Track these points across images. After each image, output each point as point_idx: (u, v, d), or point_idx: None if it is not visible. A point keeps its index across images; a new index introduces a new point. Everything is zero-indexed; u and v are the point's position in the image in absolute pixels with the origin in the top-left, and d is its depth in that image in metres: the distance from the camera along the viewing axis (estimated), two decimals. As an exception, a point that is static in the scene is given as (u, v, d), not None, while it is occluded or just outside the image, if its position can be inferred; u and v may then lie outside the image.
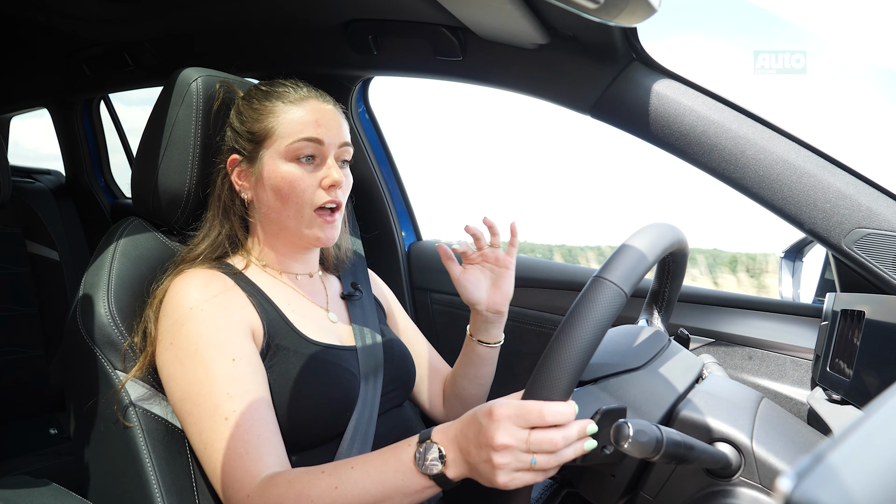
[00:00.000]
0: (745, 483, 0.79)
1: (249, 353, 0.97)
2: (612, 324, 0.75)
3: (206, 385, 0.93)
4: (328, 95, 1.13)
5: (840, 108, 56.86)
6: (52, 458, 2.02)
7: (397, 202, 1.89)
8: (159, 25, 1.83)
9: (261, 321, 1.02)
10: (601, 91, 1.25)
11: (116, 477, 1.03)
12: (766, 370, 1.31)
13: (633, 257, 0.79)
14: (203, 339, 0.95)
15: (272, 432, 0.93)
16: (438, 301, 1.82)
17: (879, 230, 1.04)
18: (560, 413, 0.73)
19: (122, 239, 1.10)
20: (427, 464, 0.79)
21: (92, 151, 2.71)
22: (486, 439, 0.74)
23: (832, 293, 1.18)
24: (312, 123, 1.05)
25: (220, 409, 0.91)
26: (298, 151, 1.05)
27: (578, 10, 0.73)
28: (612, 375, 0.90)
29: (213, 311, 0.98)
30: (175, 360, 0.96)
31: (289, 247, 1.12)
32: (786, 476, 0.31)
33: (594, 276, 0.76)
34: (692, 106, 1.16)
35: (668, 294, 1.13)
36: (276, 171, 1.06)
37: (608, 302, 0.73)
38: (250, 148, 1.08)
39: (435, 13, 1.34)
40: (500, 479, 0.74)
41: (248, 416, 0.91)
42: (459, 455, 0.79)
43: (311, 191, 1.05)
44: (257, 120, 1.07)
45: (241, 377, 0.93)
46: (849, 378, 1.00)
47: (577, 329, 0.72)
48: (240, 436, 0.89)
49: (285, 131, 1.05)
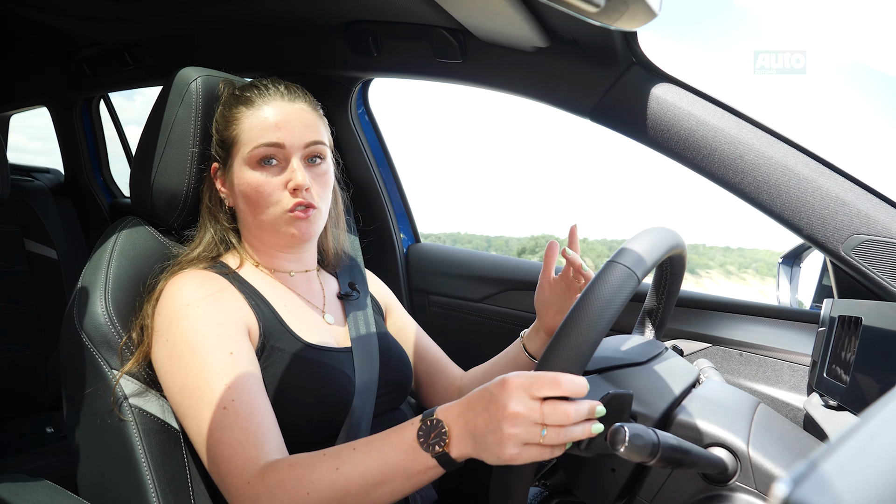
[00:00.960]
0: (742, 488, 0.79)
1: (247, 349, 0.97)
2: (611, 333, 0.75)
3: (203, 377, 0.92)
4: (300, 92, 1.12)
5: (839, 111, 56.64)
6: (48, 457, 2.02)
7: (396, 204, 1.89)
8: (160, 25, 1.83)
9: (256, 321, 1.02)
10: (601, 95, 1.25)
11: (112, 476, 1.02)
12: (762, 375, 1.32)
13: (644, 246, 0.82)
14: (199, 333, 0.95)
15: (271, 421, 0.92)
16: (436, 303, 1.82)
17: (877, 237, 1.05)
18: (574, 383, 0.72)
19: (120, 238, 1.10)
20: (430, 441, 0.78)
21: (91, 150, 2.71)
22: (498, 408, 0.73)
23: (830, 299, 1.18)
24: (272, 127, 1.05)
25: (219, 400, 0.90)
26: (258, 156, 1.05)
27: (579, 14, 0.74)
28: (616, 368, 0.91)
29: (209, 307, 0.98)
30: (171, 356, 0.96)
31: (274, 247, 1.13)
32: (782, 482, 0.31)
33: (608, 261, 0.79)
34: (691, 110, 1.16)
35: (662, 311, 1.13)
36: (243, 178, 1.06)
37: (621, 282, 0.76)
38: (224, 155, 1.09)
39: (435, 15, 1.34)
40: (508, 451, 0.73)
41: (248, 405, 0.90)
42: (465, 430, 0.77)
43: (276, 195, 1.05)
44: (226, 128, 1.08)
45: (240, 370, 0.93)
46: (845, 384, 1.00)
47: (591, 305, 0.74)
48: (239, 424, 0.89)
49: (247, 138, 1.06)
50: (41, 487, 1.09)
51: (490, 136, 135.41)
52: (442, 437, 0.78)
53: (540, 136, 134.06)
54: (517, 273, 1.70)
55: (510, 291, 1.69)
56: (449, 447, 0.78)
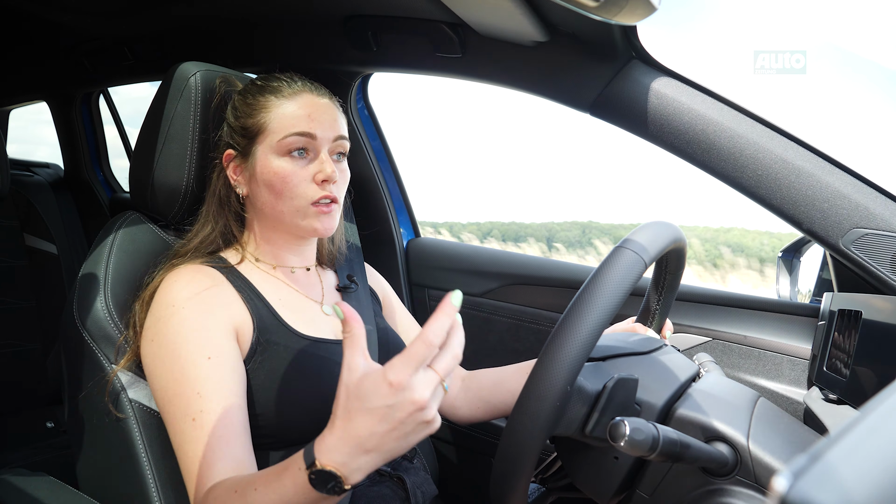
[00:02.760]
0: (742, 482, 0.80)
1: (228, 351, 0.97)
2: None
3: (180, 384, 0.93)
4: (324, 88, 1.12)
5: (839, 105, 56.32)
6: (48, 452, 2.03)
7: (396, 199, 1.89)
8: (159, 19, 1.82)
9: (250, 317, 1.02)
10: (600, 89, 1.25)
11: (112, 471, 1.03)
12: (762, 369, 1.32)
13: (650, 235, 0.83)
14: (181, 336, 0.95)
15: (234, 433, 0.91)
16: (436, 298, 1.82)
17: (877, 230, 1.04)
18: (441, 326, 0.69)
19: (120, 233, 1.10)
20: (327, 488, 0.73)
21: (91, 145, 2.71)
22: (406, 409, 0.69)
23: (829, 293, 1.18)
24: (305, 118, 1.05)
25: (189, 410, 0.91)
26: (290, 146, 1.04)
27: (578, 8, 0.73)
28: (620, 356, 0.92)
29: (195, 307, 0.98)
30: (155, 357, 0.96)
31: (285, 239, 1.12)
32: (782, 475, 0.31)
33: (616, 246, 0.80)
34: (691, 104, 1.16)
35: (662, 306, 1.13)
36: (268, 166, 1.05)
37: (630, 266, 0.77)
38: (244, 143, 1.08)
39: (435, 10, 1.34)
40: (434, 426, 0.72)
41: (214, 416, 0.90)
42: (364, 462, 0.72)
43: (304, 185, 1.05)
44: (250, 115, 1.07)
45: (214, 376, 0.93)
46: (845, 378, 1.01)
47: (600, 287, 0.75)
48: (202, 439, 0.89)
49: (277, 126, 1.05)
50: (42, 482, 1.09)
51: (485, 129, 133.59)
52: (337, 481, 0.73)
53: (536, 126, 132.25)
54: (518, 267, 1.70)
55: (511, 286, 1.69)
56: (347, 484, 0.74)
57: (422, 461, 1.19)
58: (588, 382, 0.81)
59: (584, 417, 0.81)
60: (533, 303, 1.65)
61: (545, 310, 1.62)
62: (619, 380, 0.79)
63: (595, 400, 0.81)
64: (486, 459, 1.65)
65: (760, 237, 10.72)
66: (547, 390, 0.73)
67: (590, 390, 0.81)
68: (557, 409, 0.74)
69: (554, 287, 1.62)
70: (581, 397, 0.80)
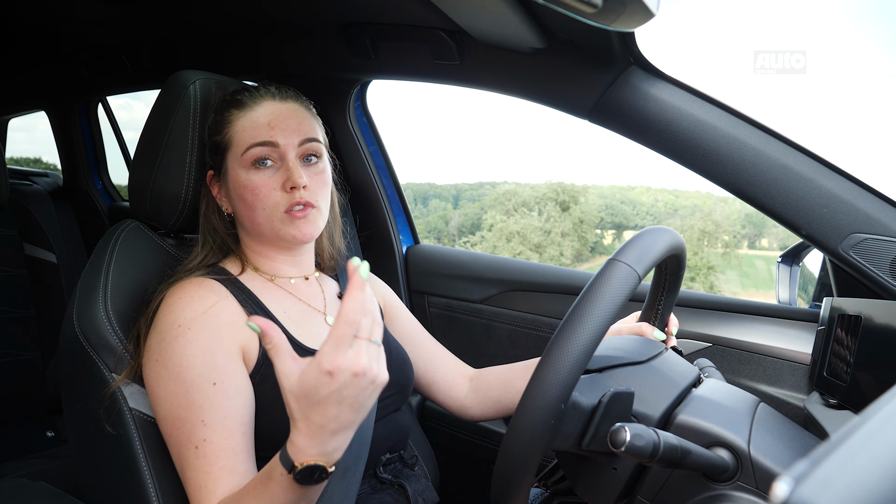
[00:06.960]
0: (742, 487, 0.79)
1: (234, 374, 0.96)
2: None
3: (185, 409, 0.93)
4: (291, 91, 1.11)
5: (839, 109, 55.31)
6: (48, 461, 2.01)
7: (394, 205, 1.89)
8: (158, 28, 1.83)
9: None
10: (599, 95, 1.25)
11: (112, 480, 1.02)
12: (763, 374, 1.32)
13: (645, 245, 0.83)
14: (187, 359, 0.95)
15: (237, 461, 0.92)
16: (436, 304, 1.81)
17: (876, 235, 1.05)
18: (356, 301, 0.70)
19: (120, 241, 1.10)
20: (314, 479, 0.77)
21: (89, 154, 2.71)
22: (353, 384, 0.71)
23: (829, 298, 1.18)
24: (265, 127, 1.04)
25: (192, 437, 0.91)
26: (253, 157, 1.04)
27: (576, 15, 0.74)
28: (617, 367, 0.92)
29: (200, 329, 0.97)
30: (160, 378, 0.96)
31: (276, 250, 1.11)
32: (782, 480, 0.31)
33: (609, 259, 0.80)
34: (689, 110, 1.17)
35: (662, 312, 1.13)
36: (238, 180, 1.05)
37: (623, 280, 0.77)
38: (217, 160, 1.09)
39: (433, 17, 1.34)
40: (382, 379, 0.74)
41: (217, 447, 0.91)
42: (333, 439, 0.76)
43: (274, 195, 1.04)
44: (218, 132, 1.07)
45: (220, 403, 0.93)
46: (845, 382, 1.01)
47: (592, 302, 0.75)
48: (203, 468, 0.90)
49: (239, 139, 1.05)
50: (41, 491, 1.09)
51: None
52: (321, 470, 0.76)
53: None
54: (518, 274, 1.70)
55: (511, 292, 1.69)
56: (331, 467, 0.78)
57: (423, 468, 1.19)
58: (584, 397, 0.80)
59: (581, 432, 0.81)
60: (533, 309, 1.65)
61: (544, 316, 1.62)
62: (615, 394, 0.78)
63: (591, 415, 0.81)
64: (486, 466, 1.64)
65: (657, 194, 10.94)
66: (541, 409, 0.73)
67: (585, 405, 0.80)
68: (552, 427, 0.74)
69: (554, 293, 1.62)
70: (577, 412, 0.80)
